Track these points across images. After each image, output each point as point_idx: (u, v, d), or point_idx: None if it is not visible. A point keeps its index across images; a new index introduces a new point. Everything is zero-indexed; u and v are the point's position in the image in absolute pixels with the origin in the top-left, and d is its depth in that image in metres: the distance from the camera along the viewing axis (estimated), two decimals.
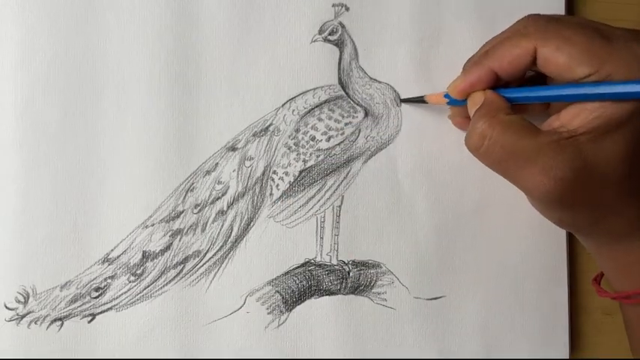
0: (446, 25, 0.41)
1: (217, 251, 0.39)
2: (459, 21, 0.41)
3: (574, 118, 0.32)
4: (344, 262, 0.40)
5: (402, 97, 0.40)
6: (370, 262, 0.40)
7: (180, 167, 0.39)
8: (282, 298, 0.39)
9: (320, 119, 0.40)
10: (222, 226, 0.39)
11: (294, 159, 0.39)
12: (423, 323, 0.40)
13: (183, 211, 0.39)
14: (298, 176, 0.40)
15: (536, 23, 0.33)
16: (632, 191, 0.33)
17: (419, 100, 0.39)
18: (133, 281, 0.38)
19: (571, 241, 0.42)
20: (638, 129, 0.32)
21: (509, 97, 0.34)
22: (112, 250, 0.38)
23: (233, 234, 0.39)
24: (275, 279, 0.39)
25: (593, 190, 0.32)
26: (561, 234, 0.42)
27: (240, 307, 0.39)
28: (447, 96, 0.37)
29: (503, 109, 0.34)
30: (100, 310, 0.38)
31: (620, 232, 0.34)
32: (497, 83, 0.35)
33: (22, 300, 0.37)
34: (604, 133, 0.31)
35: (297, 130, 0.40)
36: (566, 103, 0.33)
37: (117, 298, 0.38)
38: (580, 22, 0.32)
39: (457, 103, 0.36)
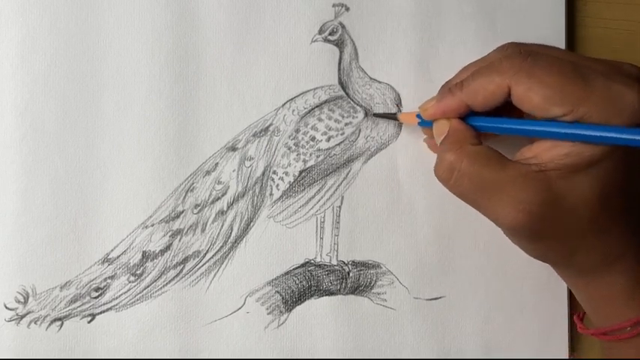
0: (446, 25, 0.41)
1: (217, 251, 0.39)
2: (459, 21, 0.41)
3: (546, 151, 0.32)
4: (344, 263, 0.40)
5: (375, 112, 0.40)
6: (370, 262, 0.40)
7: (180, 167, 0.39)
8: (282, 298, 0.39)
9: (320, 119, 0.40)
10: (222, 226, 0.39)
11: (294, 159, 0.39)
12: (423, 323, 0.40)
13: (183, 212, 0.39)
14: (298, 176, 0.40)
15: (510, 60, 0.32)
16: (603, 227, 0.33)
17: (391, 117, 0.39)
18: (133, 281, 0.38)
19: None
20: (609, 170, 0.31)
21: (476, 126, 0.34)
22: (112, 250, 0.38)
23: (233, 234, 0.39)
24: (275, 279, 0.39)
25: (562, 224, 0.32)
26: None
27: (240, 308, 0.39)
28: (419, 116, 0.37)
29: (469, 138, 0.33)
30: (99, 310, 0.38)
31: (592, 266, 0.34)
32: (469, 113, 0.35)
33: (22, 300, 0.37)
34: (575, 171, 0.31)
35: (297, 131, 0.40)
36: None
37: (117, 298, 0.38)
38: (558, 58, 0.32)
39: (427, 124, 0.36)
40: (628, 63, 0.32)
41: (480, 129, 0.35)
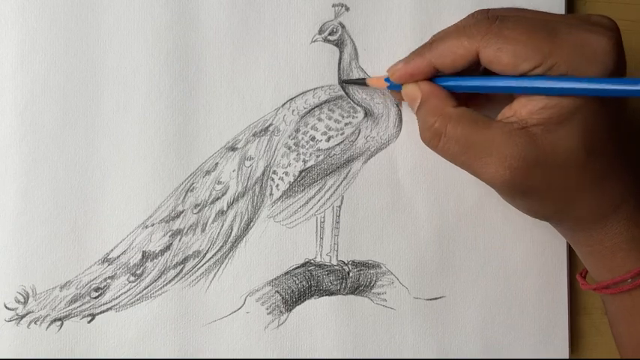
0: (446, 25, 0.41)
1: (217, 251, 0.39)
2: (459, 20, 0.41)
3: (522, 107, 0.32)
4: (344, 263, 0.40)
5: (344, 79, 0.40)
6: (370, 262, 0.40)
7: (180, 167, 0.39)
8: (282, 298, 0.39)
9: (320, 119, 0.40)
10: (222, 226, 0.39)
11: (294, 159, 0.39)
12: (423, 323, 0.40)
13: (183, 211, 0.39)
14: (298, 176, 0.40)
15: (478, 24, 0.32)
16: (595, 176, 0.33)
17: (360, 83, 0.39)
18: (133, 281, 0.38)
19: None
20: (591, 116, 0.31)
21: (445, 86, 0.34)
22: (112, 250, 0.38)
23: (233, 234, 0.39)
24: (275, 279, 0.39)
25: (552, 178, 0.32)
26: None
27: (240, 307, 0.39)
28: (387, 80, 0.37)
29: (448, 101, 0.34)
30: (99, 310, 0.38)
31: (589, 218, 0.34)
32: (437, 75, 0.35)
33: (22, 300, 0.37)
34: (556, 123, 0.31)
35: (297, 130, 0.40)
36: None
37: (117, 298, 0.38)
38: (524, 17, 0.32)
39: (397, 88, 0.36)
40: (597, 14, 0.33)
41: (449, 89, 0.35)
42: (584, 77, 0.30)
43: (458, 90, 0.34)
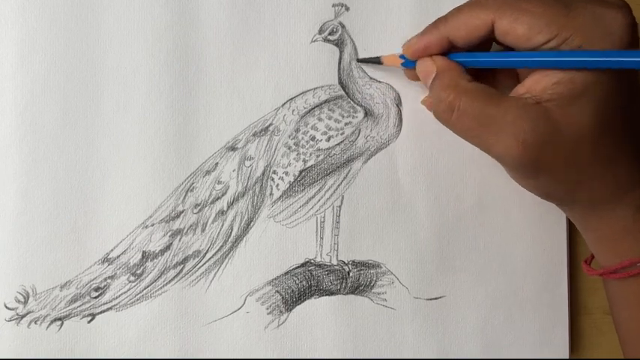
0: None
1: (217, 251, 0.39)
2: None
3: (536, 83, 0.32)
4: (344, 262, 0.40)
5: (360, 58, 0.40)
6: (370, 262, 0.40)
7: (180, 167, 0.39)
8: (282, 298, 0.39)
9: (320, 119, 0.40)
10: (222, 226, 0.39)
11: (294, 159, 0.39)
12: (423, 323, 0.40)
13: (183, 211, 0.39)
14: (298, 176, 0.40)
15: None
16: (607, 156, 0.33)
17: (375, 61, 0.39)
18: (133, 281, 0.38)
19: (571, 240, 0.42)
20: (604, 93, 0.31)
21: (461, 62, 0.35)
22: (112, 250, 0.38)
23: (233, 234, 0.39)
24: (275, 279, 0.39)
25: (564, 154, 0.32)
26: (561, 233, 0.42)
27: (240, 307, 0.39)
28: (402, 57, 0.37)
29: (462, 76, 0.34)
30: (99, 310, 0.38)
31: (600, 199, 0.34)
32: (451, 50, 0.35)
33: (22, 300, 0.37)
34: (570, 98, 0.31)
35: (297, 130, 0.40)
36: (530, 71, 0.33)
37: (117, 298, 0.38)
38: None
39: (411, 65, 0.36)
40: None
41: (463, 65, 0.35)
42: (597, 50, 0.30)
43: (473, 65, 0.35)
